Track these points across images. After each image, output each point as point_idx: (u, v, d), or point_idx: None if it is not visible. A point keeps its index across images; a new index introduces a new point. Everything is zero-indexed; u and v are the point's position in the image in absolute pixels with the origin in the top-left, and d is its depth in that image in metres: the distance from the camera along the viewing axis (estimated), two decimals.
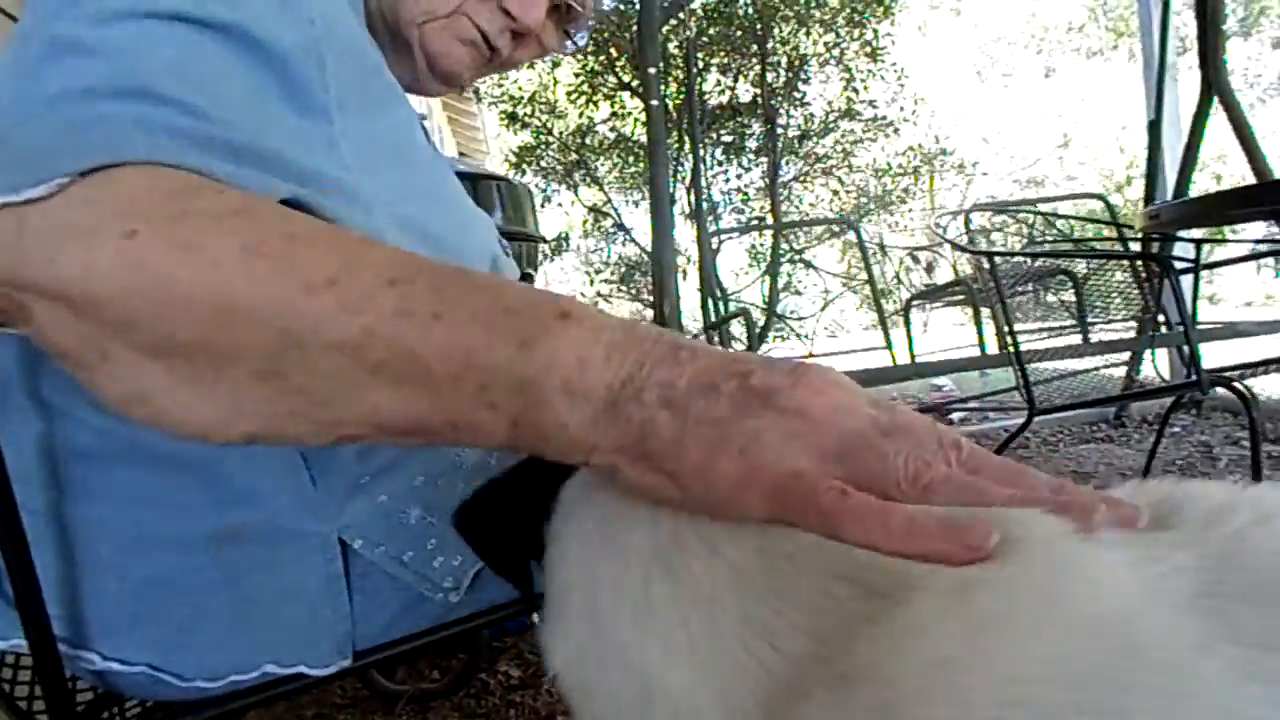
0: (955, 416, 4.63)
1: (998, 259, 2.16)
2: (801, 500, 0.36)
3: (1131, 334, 3.31)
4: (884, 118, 6.34)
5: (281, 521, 0.64)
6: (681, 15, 4.67)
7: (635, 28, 3.61)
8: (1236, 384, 1.61)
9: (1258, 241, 3.06)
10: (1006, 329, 1.98)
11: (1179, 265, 2.65)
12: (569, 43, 0.90)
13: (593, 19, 0.90)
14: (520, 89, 6.41)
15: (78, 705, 0.67)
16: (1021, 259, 2.58)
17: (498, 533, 0.56)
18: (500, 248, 0.96)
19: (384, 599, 0.66)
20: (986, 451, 0.38)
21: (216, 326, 0.41)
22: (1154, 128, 3.82)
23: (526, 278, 2.36)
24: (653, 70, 3.02)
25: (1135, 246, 3.37)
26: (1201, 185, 15.58)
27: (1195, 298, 3.07)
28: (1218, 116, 3.19)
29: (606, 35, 5.55)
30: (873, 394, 0.41)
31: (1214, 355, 4.01)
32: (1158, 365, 3.13)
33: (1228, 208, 1.49)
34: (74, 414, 0.63)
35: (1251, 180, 3.24)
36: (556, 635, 0.45)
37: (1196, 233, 3.04)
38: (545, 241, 2.27)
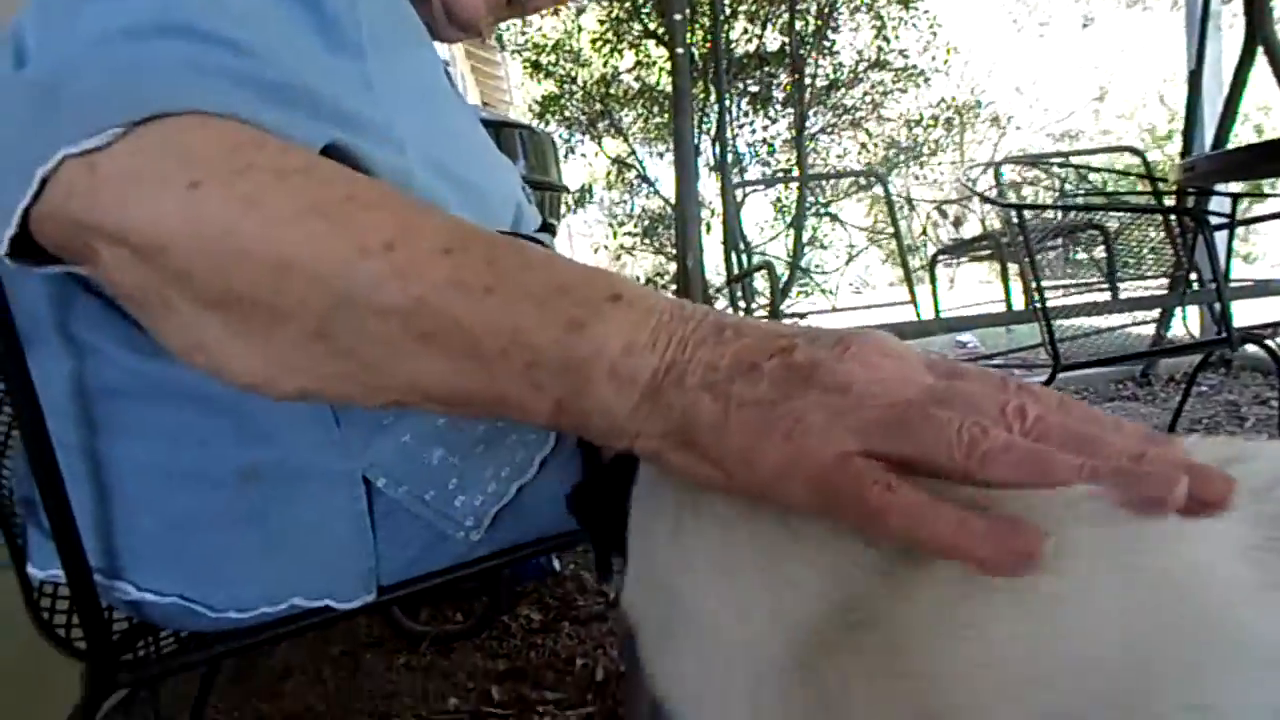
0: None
1: (1027, 213, 2.12)
2: (845, 494, 0.34)
3: (1163, 292, 3.26)
4: (915, 67, 6.19)
5: (306, 459, 0.65)
6: None
7: None
8: (1268, 341, 1.58)
9: None
10: (1034, 284, 1.95)
11: (1214, 221, 2.59)
12: None
13: None
14: (545, 36, 6.32)
15: (114, 634, 0.70)
16: (1051, 213, 2.52)
17: (607, 514, 0.57)
18: (524, 195, 0.96)
19: (407, 537, 0.68)
20: (1066, 406, 0.35)
21: (272, 282, 0.42)
22: (1194, 78, 3.70)
23: (549, 228, 2.36)
24: (678, 17, 2.96)
25: (1170, 201, 3.30)
26: (1243, 137, 15.15)
27: (1229, 255, 3.00)
28: (1262, 67, 3.09)
29: None
30: (931, 357, 0.39)
31: (1245, 314, 3.94)
32: (1188, 323, 3.08)
33: (1266, 160, 1.45)
34: (104, 351, 0.64)
35: None
36: (624, 574, 0.47)
37: (1233, 187, 2.97)
38: (569, 191, 2.26)
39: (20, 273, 0.50)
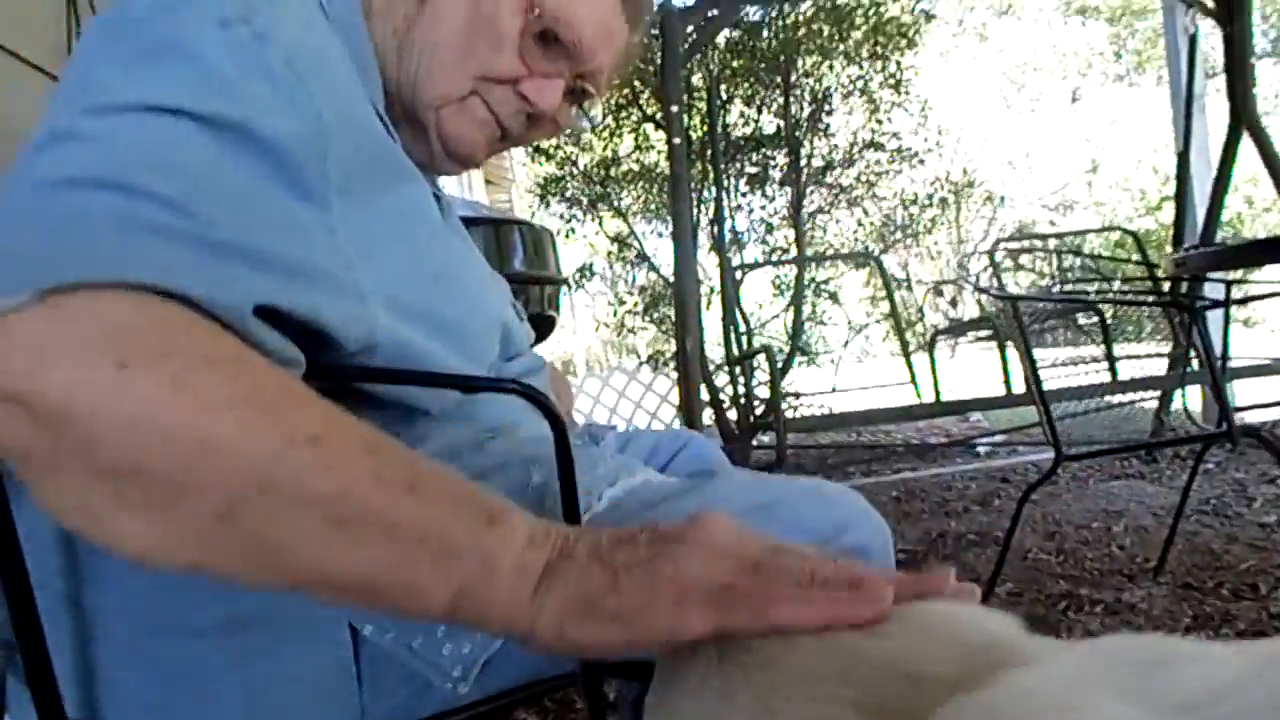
0: (982, 450, 4.58)
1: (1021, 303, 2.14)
2: (735, 604, 0.42)
3: (1164, 366, 3.26)
4: (908, 148, 6.33)
5: (291, 608, 0.64)
6: (704, 51, 4.71)
7: (659, 64, 3.65)
8: (1265, 434, 1.57)
9: None
10: (1031, 372, 1.95)
11: (1208, 301, 2.61)
12: (585, 120, 0.91)
13: (604, 96, 0.92)
14: None
15: None
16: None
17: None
18: (514, 311, 0.97)
19: (393, 686, 0.66)
20: (839, 564, 0.46)
21: (190, 462, 0.43)
22: (1183, 158, 3.79)
23: (549, 320, 2.38)
24: (675, 108, 3.04)
25: (1165, 282, 3.33)
26: (1233, 208, 15.36)
27: (1226, 337, 3.02)
28: (1249, 144, 3.15)
29: (630, 70, 5.60)
30: (753, 532, 0.48)
31: (1249, 391, 3.93)
32: (1187, 403, 3.08)
33: (1253, 257, 1.47)
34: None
35: None
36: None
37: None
38: (566, 283, 2.29)
39: None
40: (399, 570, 0.44)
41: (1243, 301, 2.51)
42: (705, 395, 3.74)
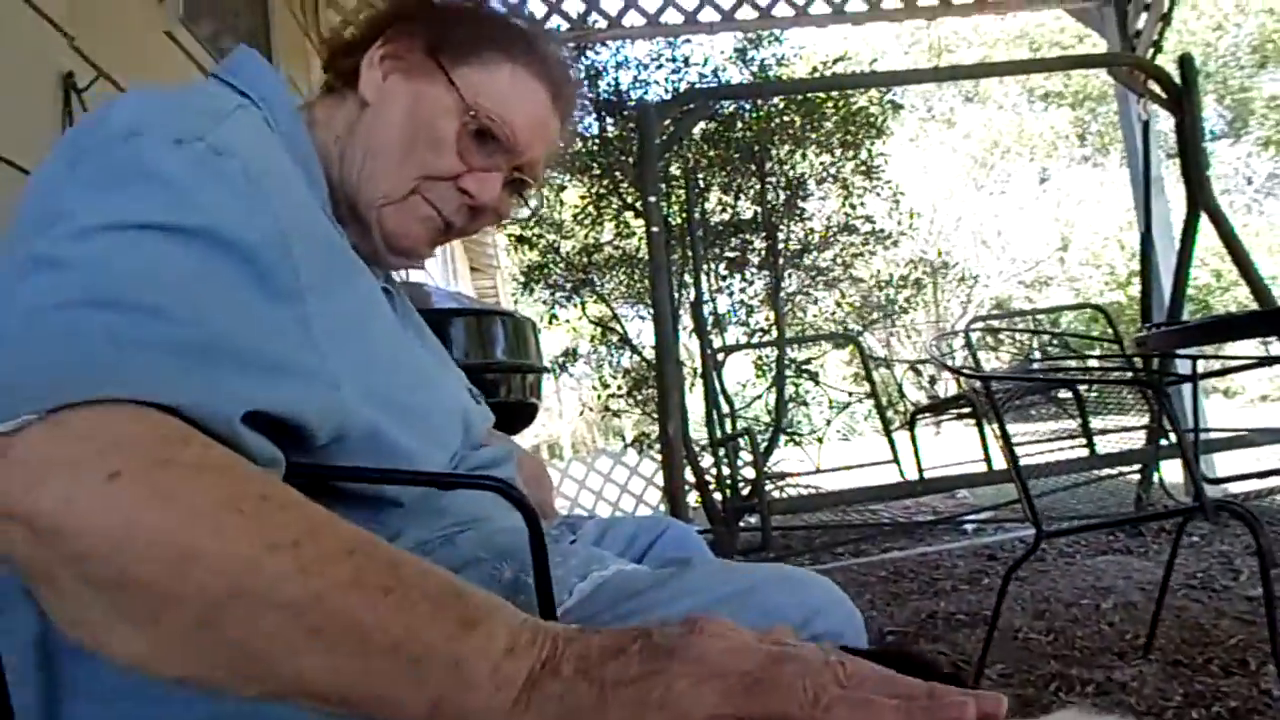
0: (969, 527, 4.57)
1: (994, 381, 2.18)
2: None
3: (1142, 437, 3.31)
4: (882, 230, 6.49)
5: (272, 710, 0.64)
6: (681, 142, 4.87)
7: (637, 154, 3.77)
8: (1239, 508, 1.60)
9: (1262, 358, 3.08)
10: (1007, 451, 1.98)
11: (1175, 376, 2.67)
12: (523, 206, 0.97)
13: (542, 185, 0.97)
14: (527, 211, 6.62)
15: None
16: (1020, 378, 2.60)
17: None
18: (470, 398, 0.99)
19: None
20: (864, 663, 0.43)
21: (170, 571, 0.44)
22: (1145, 238, 3.92)
23: (531, 407, 2.41)
24: (652, 198, 3.13)
25: (1139, 359, 3.40)
26: (1201, 280, 15.76)
27: (1196, 410, 3.07)
28: (1208, 225, 3.27)
29: (610, 161, 5.77)
30: (755, 632, 0.45)
31: (1229, 460, 3.97)
32: (1163, 477, 3.11)
33: (1211, 334, 1.53)
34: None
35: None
36: None
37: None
38: (548, 371, 2.32)
39: None
40: (372, 682, 0.43)
41: (1209, 375, 2.56)
42: (690, 477, 3.74)
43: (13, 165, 1.62)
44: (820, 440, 5.55)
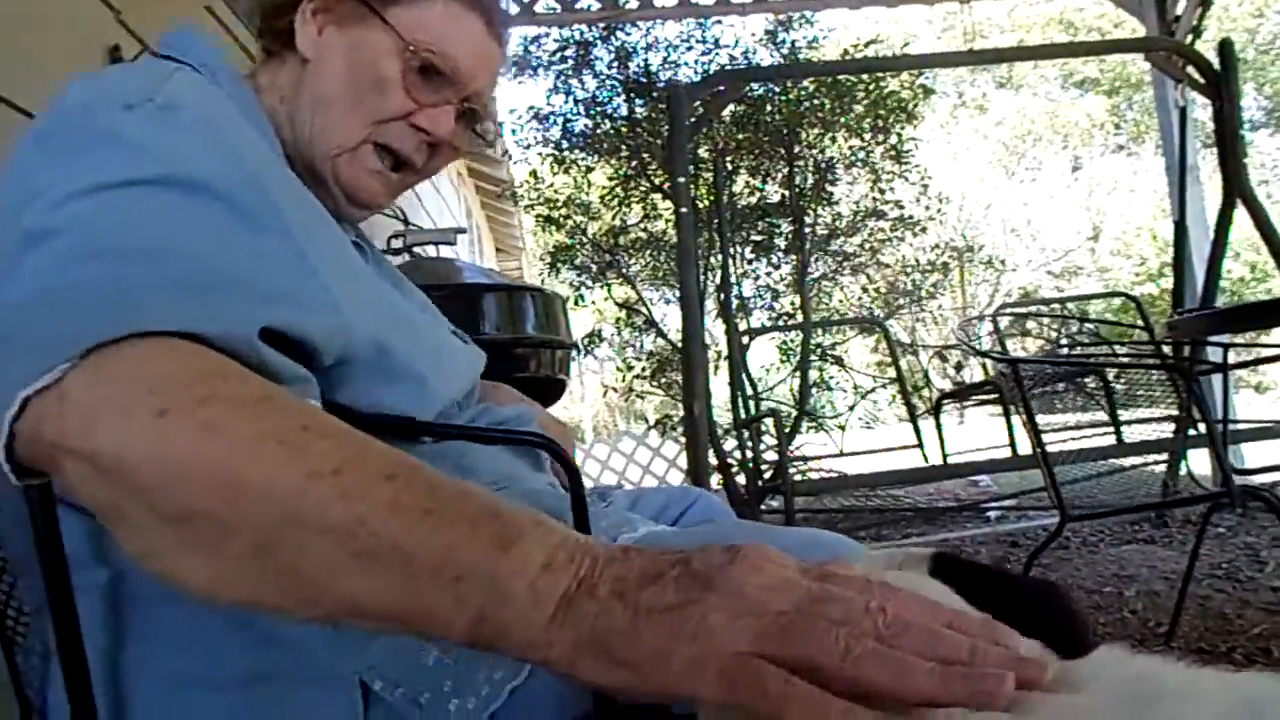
0: (992, 514, 4.56)
1: (1021, 365, 2.18)
2: (749, 684, 0.39)
3: (1170, 429, 3.28)
4: (910, 216, 6.45)
5: (307, 663, 0.68)
6: (710, 125, 4.86)
7: (667, 136, 3.77)
8: (1268, 494, 1.60)
9: None
10: (1033, 435, 1.99)
11: (1208, 367, 2.65)
12: (479, 140, 0.98)
13: (494, 115, 0.99)
14: (556, 192, 6.64)
15: None
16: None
17: None
18: (456, 337, 1.02)
19: None
20: (913, 605, 0.42)
21: (225, 501, 0.46)
22: (1179, 228, 3.86)
23: (559, 383, 2.44)
24: (681, 180, 3.14)
25: (1168, 347, 3.37)
26: (1236, 274, 15.49)
27: (1226, 399, 3.04)
28: (1244, 213, 3.23)
29: (638, 143, 5.77)
30: (803, 563, 0.45)
31: (1258, 452, 3.93)
32: (1189, 466, 3.09)
33: (1242, 320, 1.52)
34: (149, 592, 0.69)
35: None
36: None
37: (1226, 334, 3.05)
38: (576, 348, 2.35)
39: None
40: (417, 601, 0.45)
41: (1242, 365, 2.54)
42: (713, 459, 3.77)
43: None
44: (843, 428, 5.55)
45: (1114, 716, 0.38)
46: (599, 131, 6.01)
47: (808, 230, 5.97)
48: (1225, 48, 3.21)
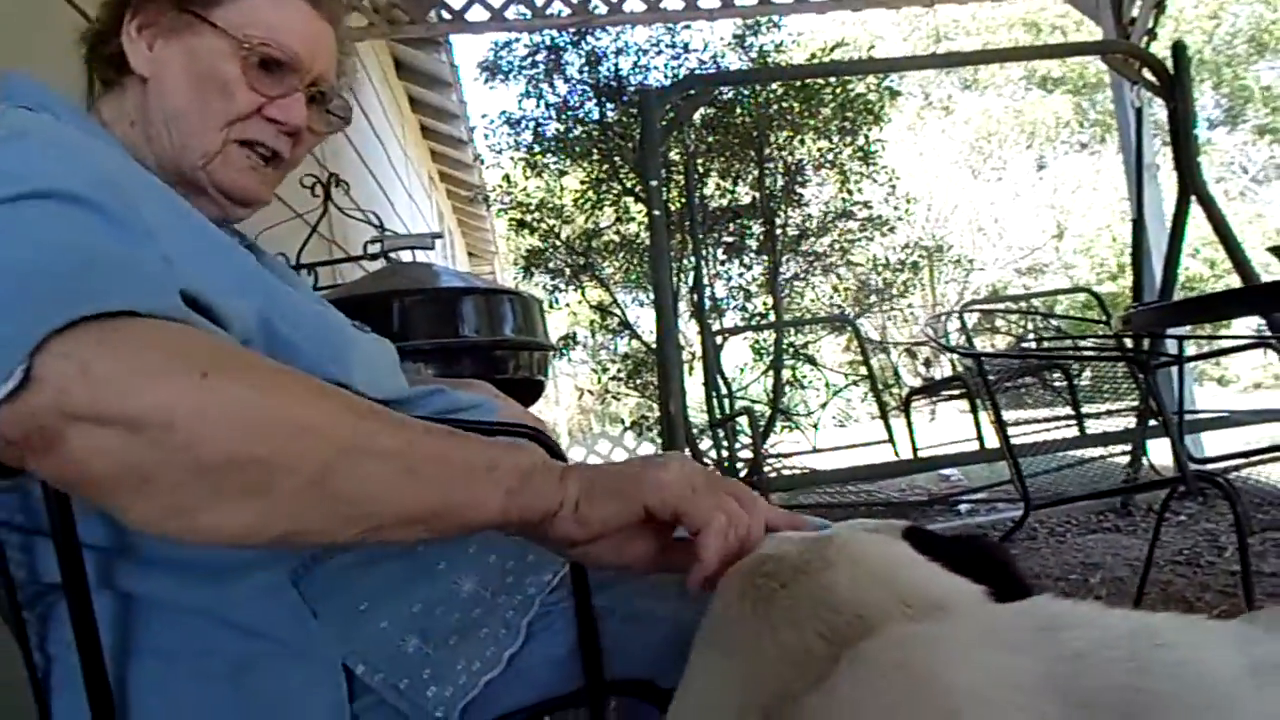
0: (962, 508, 4.65)
1: (986, 360, 2.25)
2: (695, 498, 0.62)
3: (1132, 422, 3.38)
4: (879, 216, 6.55)
5: (291, 649, 0.72)
6: (681, 128, 4.92)
7: (638, 140, 3.82)
8: (1220, 480, 1.67)
9: (1252, 339, 3.16)
10: (999, 429, 2.06)
11: (1165, 359, 2.74)
12: (335, 119, 0.99)
13: (343, 93, 1.00)
14: (529, 196, 6.67)
15: None
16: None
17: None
18: (355, 328, 1.02)
19: None
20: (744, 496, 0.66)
21: (285, 443, 0.53)
22: (1137, 225, 3.97)
23: (538, 384, 2.47)
24: (654, 183, 3.18)
25: (1129, 340, 3.47)
26: (1194, 270, 15.83)
27: (1182, 390, 3.14)
28: (1199, 212, 3.33)
29: (610, 146, 5.82)
30: (704, 468, 0.67)
31: (1217, 442, 4.05)
32: (1150, 457, 3.19)
33: (1194, 313, 1.60)
34: (132, 588, 0.73)
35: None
36: None
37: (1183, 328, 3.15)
38: (555, 349, 2.39)
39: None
40: (462, 493, 0.58)
41: (1199, 358, 2.63)
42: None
43: None
44: (815, 426, 5.63)
45: (1021, 636, 0.45)
46: (570, 136, 6.06)
47: (778, 231, 6.05)
48: (1178, 50, 3.31)
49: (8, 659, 0.92)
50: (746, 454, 4.40)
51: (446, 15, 4.25)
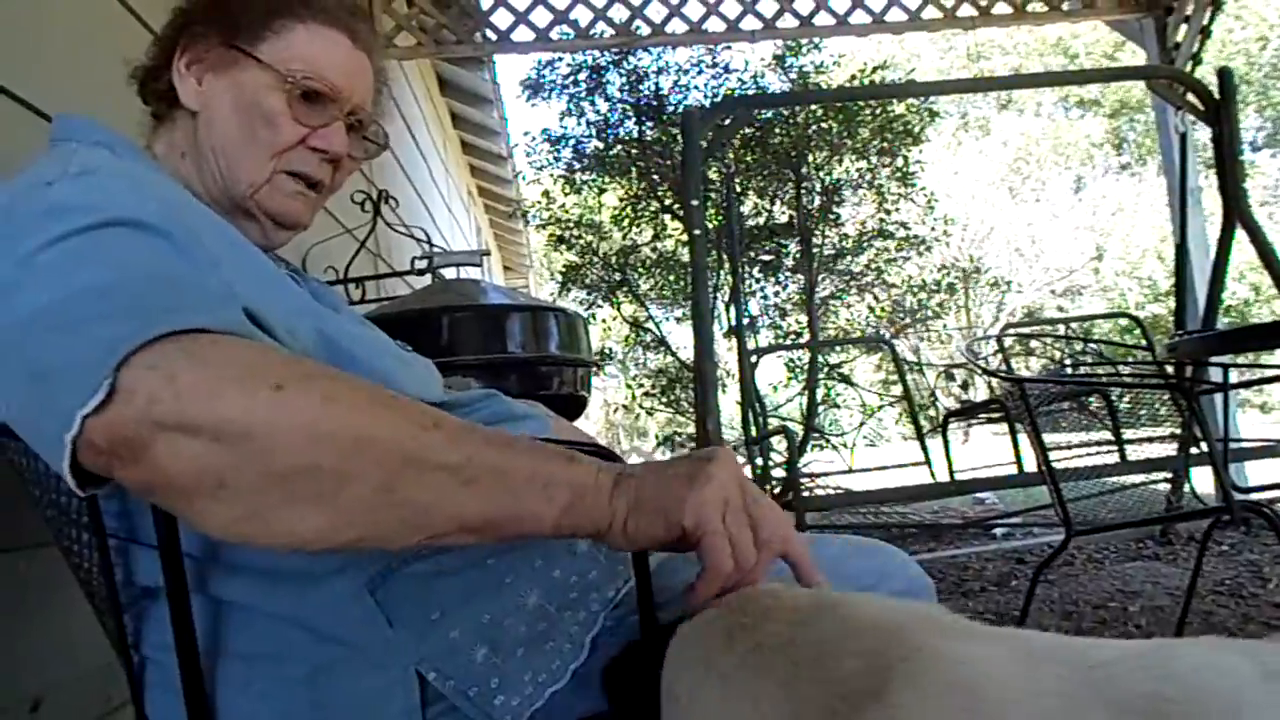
0: (998, 532, 4.61)
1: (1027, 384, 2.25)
2: (710, 519, 0.64)
3: (1173, 448, 3.34)
4: (916, 237, 6.54)
5: (367, 657, 0.76)
6: (720, 149, 4.96)
7: (678, 159, 3.85)
8: (1266, 509, 1.66)
9: None
10: (1040, 453, 2.05)
11: (1209, 386, 2.71)
12: (373, 145, 1.04)
13: (379, 119, 1.04)
14: (567, 212, 6.75)
15: None
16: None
17: (636, 690, 0.73)
18: (399, 347, 1.07)
19: None
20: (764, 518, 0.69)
21: (351, 453, 0.57)
22: (1181, 250, 3.93)
23: (580, 399, 2.51)
24: (695, 202, 3.22)
25: (1171, 367, 3.43)
26: (1239, 295, 15.55)
27: (1227, 418, 3.10)
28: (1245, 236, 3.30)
29: (649, 164, 5.87)
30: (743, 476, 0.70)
31: (1261, 471, 3.98)
32: (1192, 484, 3.14)
33: (1239, 342, 1.59)
34: (221, 593, 0.78)
35: None
36: None
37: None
38: (598, 365, 2.43)
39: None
40: (517, 506, 0.61)
41: (1243, 385, 2.61)
42: None
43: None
44: (848, 446, 5.61)
45: (1054, 650, 0.50)
46: (610, 153, 6.12)
47: (815, 250, 6.05)
48: (1224, 76, 3.29)
49: (92, 650, 0.97)
50: (780, 472, 4.40)
51: (493, 35, 4.33)
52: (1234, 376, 3.00)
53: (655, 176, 5.92)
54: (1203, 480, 3.69)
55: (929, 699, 0.47)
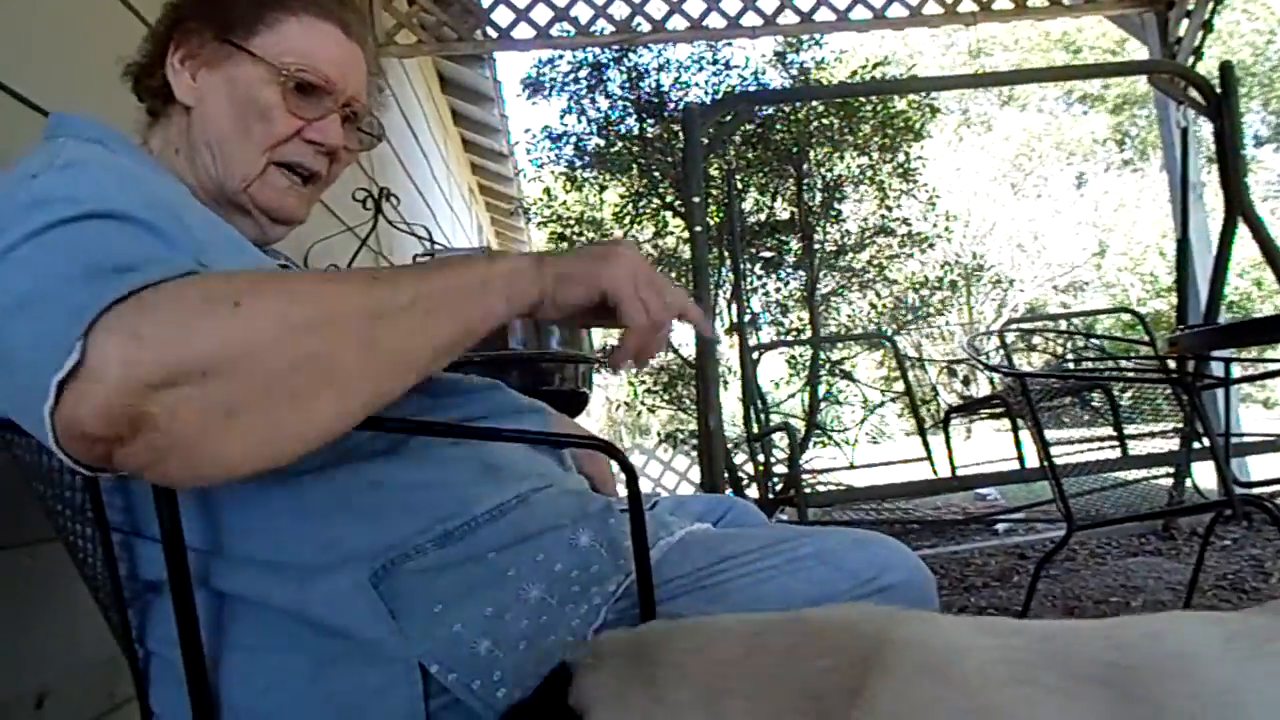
0: (1000, 527, 4.62)
1: (1029, 379, 2.25)
2: (635, 280, 0.76)
3: (1175, 443, 3.34)
4: (918, 233, 6.53)
5: (370, 650, 0.76)
6: (720, 146, 4.96)
7: (679, 156, 3.85)
8: (1268, 503, 1.66)
9: None
10: (1041, 448, 2.06)
11: (1210, 381, 2.72)
12: (368, 137, 1.05)
13: (374, 110, 1.06)
14: (568, 209, 6.74)
15: None
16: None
17: None
18: None
19: None
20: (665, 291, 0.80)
21: (329, 330, 0.60)
22: (1183, 245, 3.92)
23: (582, 396, 2.52)
24: (696, 199, 3.21)
25: (1172, 362, 3.43)
26: (1242, 289, 15.51)
27: (1229, 413, 3.10)
28: (1246, 232, 3.29)
29: (650, 161, 5.87)
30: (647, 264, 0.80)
31: (1263, 466, 3.98)
32: (1195, 480, 3.14)
33: (1239, 337, 1.59)
34: (224, 586, 0.78)
35: None
36: None
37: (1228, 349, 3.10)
38: (599, 362, 2.44)
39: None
40: (473, 311, 0.70)
41: (1245, 380, 2.60)
42: (724, 472, 3.83)
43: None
44: (850, 443, 5.61)
45: (1006, 625, 0.52)
46: (611, 151, 6.12)
47: (816, 247, 6.05)
48: (1226, 70, 3.28)
49: (95, 644, 0.98)
50: (781, 469, 4.40)
51: (493, 33, 4.33)
52: (1236, 371, 3.00)
53: (656, 173, 5.92)
54: (1204, 475, 3.69)
55: (900, 684, 0.49)
